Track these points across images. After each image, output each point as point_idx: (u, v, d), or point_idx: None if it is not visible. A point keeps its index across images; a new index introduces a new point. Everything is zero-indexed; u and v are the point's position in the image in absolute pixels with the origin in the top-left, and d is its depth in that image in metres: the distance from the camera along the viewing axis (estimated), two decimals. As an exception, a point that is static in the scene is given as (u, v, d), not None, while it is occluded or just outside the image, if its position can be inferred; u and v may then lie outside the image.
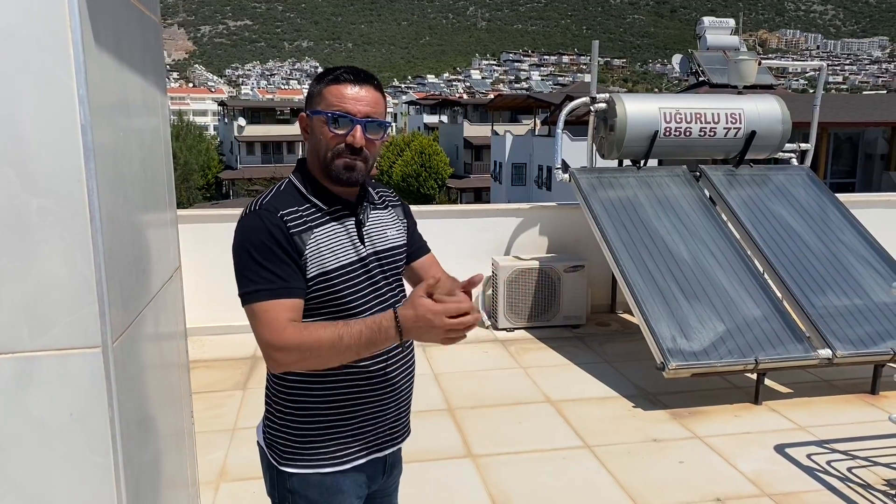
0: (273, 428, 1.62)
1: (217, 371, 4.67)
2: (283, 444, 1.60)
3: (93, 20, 1.33)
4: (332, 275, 1.51)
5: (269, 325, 1.42)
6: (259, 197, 1.56)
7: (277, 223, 1.47)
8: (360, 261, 1.56)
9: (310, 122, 1.55)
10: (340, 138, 1.50)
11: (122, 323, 1.46)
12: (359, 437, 1.60)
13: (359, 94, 1.51)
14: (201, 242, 5.09)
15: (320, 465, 1.58)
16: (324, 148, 1.52)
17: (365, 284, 1.57)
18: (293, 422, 1.58)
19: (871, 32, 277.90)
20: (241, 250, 1.47)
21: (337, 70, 1.54)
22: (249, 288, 1.44)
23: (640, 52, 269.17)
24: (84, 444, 1.35)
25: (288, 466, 1.59)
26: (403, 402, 1.68)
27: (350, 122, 1.49)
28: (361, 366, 1.56)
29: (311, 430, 1.57)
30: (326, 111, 1.50)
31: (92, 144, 1.30)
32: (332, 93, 1.51)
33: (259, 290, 1.43)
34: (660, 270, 4.58)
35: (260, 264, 1.44)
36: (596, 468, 3.39)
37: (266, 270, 1.44)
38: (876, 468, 3.37)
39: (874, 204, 6.46)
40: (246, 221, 1.50)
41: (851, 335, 4.29)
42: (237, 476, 3.29)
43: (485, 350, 5.11)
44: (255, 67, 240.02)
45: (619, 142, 5.47)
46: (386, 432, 1.65)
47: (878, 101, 24.81)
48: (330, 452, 1.58)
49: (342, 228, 1.56)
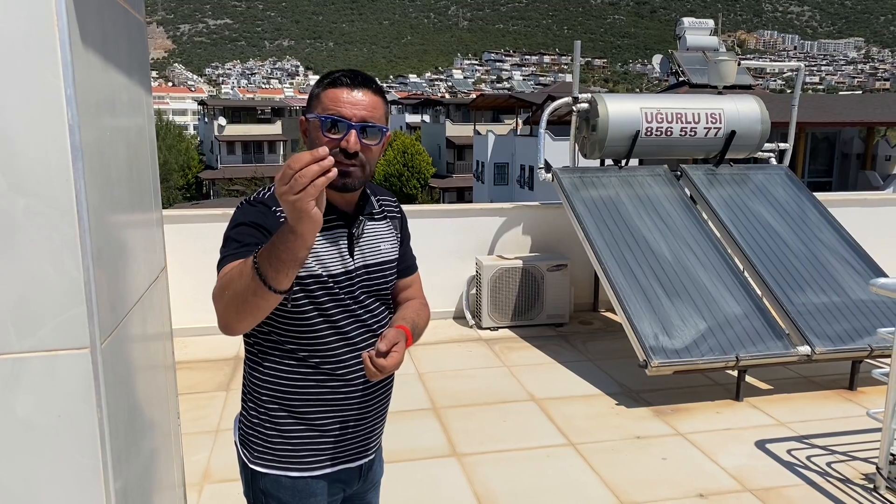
0: (246, 425, 1.62)
1: (200, 372, 4.64)
2: (254, 442, 1.60)
3: (80, 20, 1.32)
4: (309, 281, 1.49)
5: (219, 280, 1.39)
6: (257, 192, 1.56)
7: (270, 216, 1.48)
8: (346, 273, 1.53)
9: (307, 127, 1.53)
10: (335, 143, 1.45)
11: (109, 324, 1.45)
12: (326, 449, 1.60)
13: (355, 97, 1.47)
14: (183, 242, 5.06)
15: (289, 469, 1.58)
16: None
17: (351, 297, 1.55)
18: (265, 422, 1.58)
19: (847, 33, 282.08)
20: (230, 227, 1.48)
21: (335, 73, 1.51)
22: (223, 254, 1.44)
23: (621, 53, 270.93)
24: (72, 446, 1.34)
25: (258, 465, 1.59)
26: (378, 420, 1.67)
27: (345, 127, 1.45)
28: (335, 384, 1.55)
29: (282, 433, 1.57)
30: (321, 115, 1.47)
31: (79, 144, 1.29)
32: (329, 96, 1.48)
33: (229, 254, 1.42)
34: (642, 269, 4.63)
35: (236, 240, 1.44)
36: (580, 466, 3.42)
37: (238, 244, 1.43)
38: (854, 463, 3.43)
39: (851, 203, 6.56)
40: (241, 208, 1.51)
41: (830, 332, 4.36)
42: (221, 477, 3.28)
43: (469, 349, 5.12)
44: (236, 66, 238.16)
45: (601, 141, 5.51)
46: (354, 447, 1.64)
47: (854, 102, 25.22)
48: (299, 457, 1.58)
49: (332, 238, 1.53)
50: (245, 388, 1.63)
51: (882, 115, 20.76)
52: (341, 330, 1.54)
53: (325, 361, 1.54)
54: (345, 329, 1.55)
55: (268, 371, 1.56)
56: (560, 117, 6.68)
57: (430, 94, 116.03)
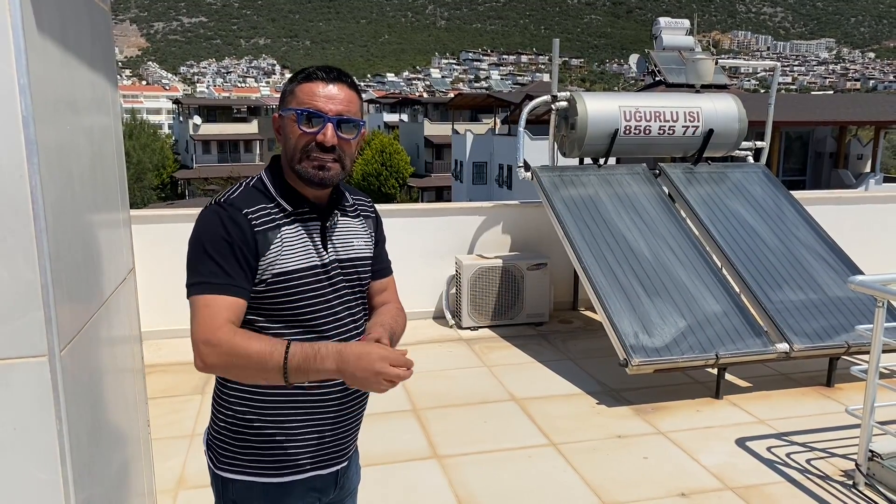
0: (216, 430, 1.57)
1: (175, 375, 4.53)
2: (223, 448, 1.55)
3: (35, 5, 1.24)
4: (290, 276, 1.46)
5: (205, 319, 1.37)
6: (225, 192, 1.50)
7: (239, 221, 1.43)
8: (322, 266, 1.51)
9: (281, 123, 1.50)
10: (310, 137, 1.45)
11: (70, 329, 1.37)
12: (305, 453, 1.55)
13: (331, 92, 1.46)
14: (156, 243, 4.95)
15: (258, 474, 1.53)
16: (292, 147, 1.47)
17: (328, 292, 1.52)
18: (238, 427, 1.53)
19: (819, 34, 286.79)
20: (195, 242, 1.43)
21: (309, 69, 1.49)
22: (195, 279, 1.41)
23: (598, 52, 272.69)
24: (29, 461, 1.26)
25: (225, 471, 1.54)
26: (355, 424, 1.64)
27: (322, 120, 1.44)
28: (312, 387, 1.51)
29: (256, 438, 1.52)
30: (297, 108, 1.45)
31: (35, 138, 1.21)
32: (304, 91, 1.46)
33: (204, 282, 1.39)
34: (621, 267, 4.61)
35: (210, 257, 1.40)
36: (561, 466, 3.38)
37: (215, 264, 1.40)
38: (833, 459, 3.44)
39: (825, 201, 6.62)
40: (206, 215, 1.45)
41: (808, 329, 4.38)
42: (196, 483, 3.19)
43: (449, 349, 5.07)
44: (211, 65, 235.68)
45: (579, 140, 5.49)
46: (332, 450, 1.60)
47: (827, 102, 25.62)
48: (270, 463, 1.53)
49: (305, 231, 1.50)
50: (216, 392, 1.58)
51: (853, 114, 21.12)
52: (318, 328, 1.50)
53: None
54: (322, 328, 1.51)
55: None
56: (538, 116, 6.66)
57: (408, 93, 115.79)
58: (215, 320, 1.37)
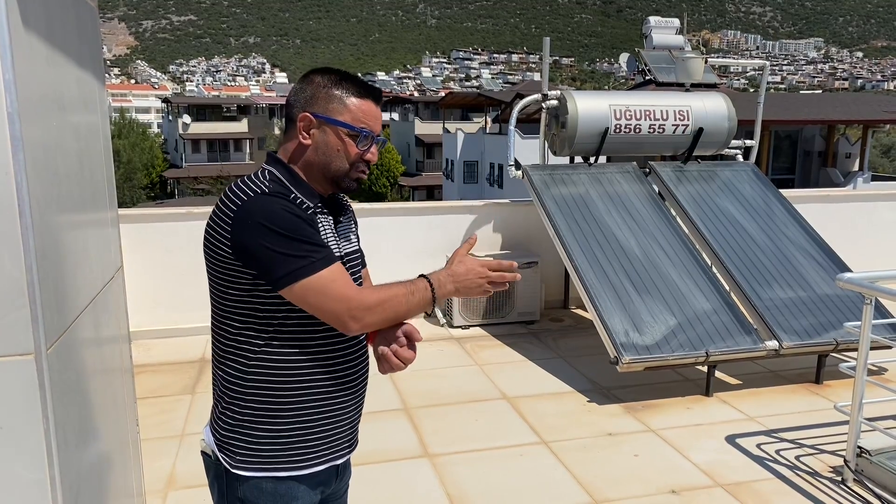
0: (227, 428, 1.53)
1: (164, 375, 4.51)
2: (238, 445, 1.52)
3: (20, 1, 1.23)
4: None
5: (344, 289, 1.44)
6: (248, 184, 1.46)
7: (297, 204, 1.47)
8: (340, 258, 1.56)
9: (317, 126, 1.52)
10: (360, 153, 1.54)
11: (57, 328, 1.36)
12: (323, 442, 1.56)
13: (377, 113, 1.57)
14: (145, 242, 4.92)
15: (277, 469, 1.51)
16: (342, 159, 1.53)
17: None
18: (254, 421, 1.51)
19: (808, 34, 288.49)
20: (269, 232, 1.39)
21: (353, 79, 1.56)
22: (297, 264, 1.40)
23: (588, 51, 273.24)
24: (15, 461, 1.24)
25: (242, 470, 1.51)
26: (360, 411, 1.67)
27: (372, 141, 1.55)
28: (332, 373, 1.53)
29: (275, 431, 1.51)
30: (354, 125, 1.52)
31: (20, 135, 1.19)
32: (360, 108, 1.53)
33: (312, 261, 1.41)
34: (612, 265, 4.62)
35: (298, 240, 1.41)
36: (553, 463, 3.39)
37: (307, 243, 1.42)
38: (822, 456, 3.46)
39: (813, 199, 6.67)
40: (261, 204, 1.41)
41: (797, 326, 4.40)
42: (186, 483, 3.18)
43: (440, 348, 5.07)
44: (201, 64, 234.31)
45: (570, 138, 5.50)
46: (345, 439, 1.62)
47: (815, 101, 25.78)
48: (290, 456, 1.52)
49: (325, 225, 1.56)
50: (224, 389, 1.54)
51: (842, 113, 21.26)
52: None
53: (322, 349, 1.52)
54: None
55: (257, 365, 1.49)
56: (529, 115, 6.68)
57: (399, 91, 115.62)
58: (348, 289, 1.44)
